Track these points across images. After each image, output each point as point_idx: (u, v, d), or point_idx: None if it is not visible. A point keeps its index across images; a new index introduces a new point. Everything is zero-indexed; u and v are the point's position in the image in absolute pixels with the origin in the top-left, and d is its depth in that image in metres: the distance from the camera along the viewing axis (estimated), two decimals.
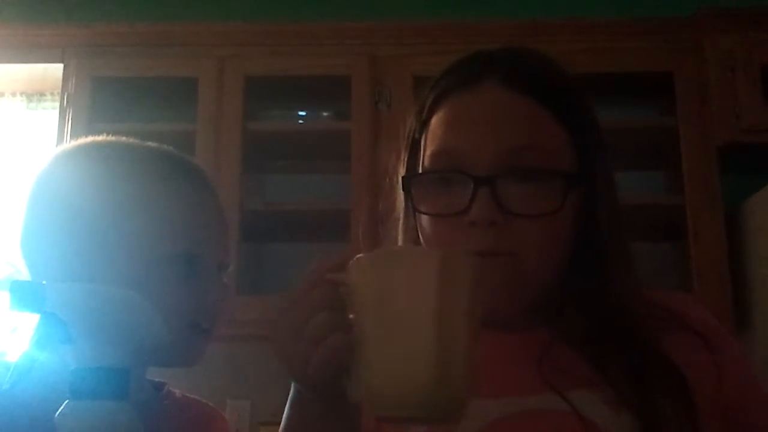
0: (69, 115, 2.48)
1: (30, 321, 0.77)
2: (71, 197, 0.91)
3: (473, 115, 0.83)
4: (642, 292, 0.86)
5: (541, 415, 0.79)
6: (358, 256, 0.63)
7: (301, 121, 2.68)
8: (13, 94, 2.80)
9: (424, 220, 0.84)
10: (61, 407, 0.72)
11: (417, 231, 0.87)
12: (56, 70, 2.54)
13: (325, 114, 2.64)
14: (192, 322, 0.92)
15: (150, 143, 0.99)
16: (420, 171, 0.86)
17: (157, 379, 1.02)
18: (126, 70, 2.55)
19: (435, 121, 0.86)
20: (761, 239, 2.32)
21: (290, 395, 0.75)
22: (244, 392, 2.57)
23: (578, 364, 0.80)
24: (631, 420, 0.76)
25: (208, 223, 0.97)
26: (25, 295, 0.73)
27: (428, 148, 0.85)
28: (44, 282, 0.78)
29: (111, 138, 0.99)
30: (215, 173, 2.42)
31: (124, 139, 0.99)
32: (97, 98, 2.51)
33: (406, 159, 0.90)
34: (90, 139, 0.98)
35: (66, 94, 2.51)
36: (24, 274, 0.94)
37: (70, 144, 0.97)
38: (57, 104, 2.57)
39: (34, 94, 2.80)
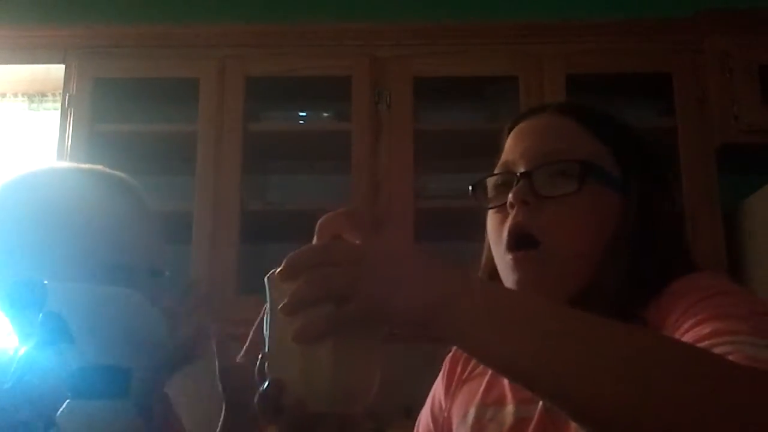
0: (70, 116, 2.49)
1: (31, 320, 0.78)
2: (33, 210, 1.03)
3: (529, 132, 1.00)
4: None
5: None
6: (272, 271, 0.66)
7: (301, 122, 2.68)
8: (15, 95, 2.80)
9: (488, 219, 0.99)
10: (62, 407, 0.72)
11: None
12: (58, 70, 2.55)
13: (325, 115, 2.64)
14: None
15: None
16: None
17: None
18: (127, 70, 2.56)
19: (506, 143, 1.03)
20: (759, 239, 2.33)
21: None
22: None
23: None
24: None
25: (135, 231, 1.04)
26: (25, 294, 0.74)
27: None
28: (45, 282, 0.78)
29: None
30: (216, 174, 2.44)
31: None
32: (99, 99, 2.52)
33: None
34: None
35: (67, 94, 2.51)
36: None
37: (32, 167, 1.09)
38: (58, 105, 2.57)
39: (36, 95, 2.81)
